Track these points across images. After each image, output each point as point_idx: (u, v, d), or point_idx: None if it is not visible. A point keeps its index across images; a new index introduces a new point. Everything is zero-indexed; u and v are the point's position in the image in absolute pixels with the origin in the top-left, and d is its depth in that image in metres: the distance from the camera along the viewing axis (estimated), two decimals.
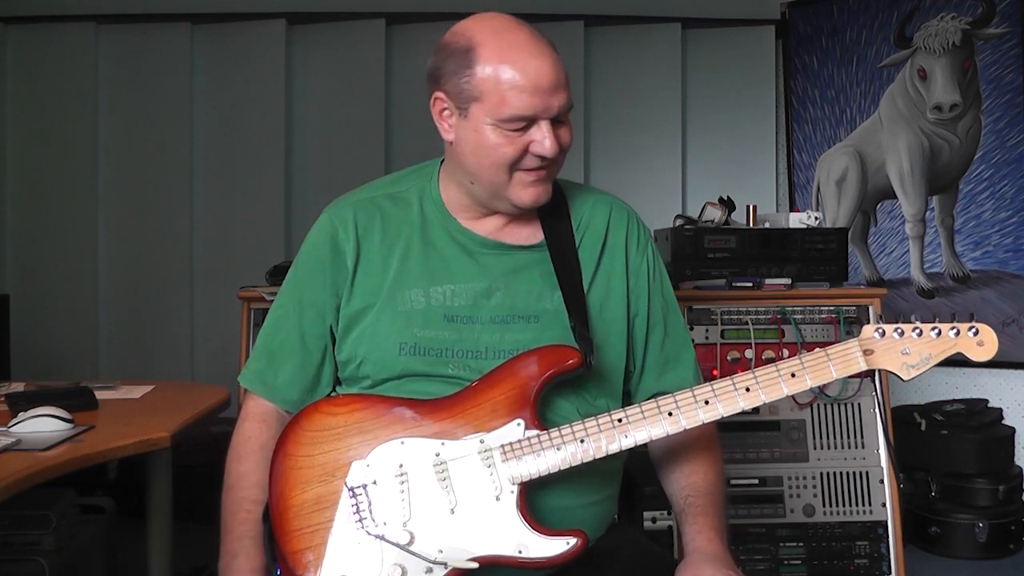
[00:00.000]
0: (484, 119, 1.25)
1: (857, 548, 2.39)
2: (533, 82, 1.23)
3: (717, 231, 2.54)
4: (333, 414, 1.27)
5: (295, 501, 1.23)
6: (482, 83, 1.24)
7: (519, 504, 1.21)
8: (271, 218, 3.95)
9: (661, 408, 1.24)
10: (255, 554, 1.28)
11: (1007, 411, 3.50)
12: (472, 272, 1.34)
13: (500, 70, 1.23)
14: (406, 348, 1.31)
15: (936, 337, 1.22)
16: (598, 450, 1.22)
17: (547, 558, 1.20)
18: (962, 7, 3.59)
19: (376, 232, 1.37)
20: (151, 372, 3.71)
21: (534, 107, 1.24)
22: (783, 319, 2.43)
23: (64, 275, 3.91)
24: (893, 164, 3.80)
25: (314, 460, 1.24)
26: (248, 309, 2.42)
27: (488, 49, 1.24)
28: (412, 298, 1.32)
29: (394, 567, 1.18)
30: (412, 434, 1.24)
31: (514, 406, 1.24)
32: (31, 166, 3.94)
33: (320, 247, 1.39)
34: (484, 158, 1.28)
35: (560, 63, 1.26)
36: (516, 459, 1.22)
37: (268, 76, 3.95)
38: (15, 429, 1.71)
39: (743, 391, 1.23)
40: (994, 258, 3.56)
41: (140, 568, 2.06)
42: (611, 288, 1.39)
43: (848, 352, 1.23)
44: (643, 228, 1.46)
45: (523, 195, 1.30)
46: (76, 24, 3.90)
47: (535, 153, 1.26)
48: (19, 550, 2.13)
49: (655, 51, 4.04)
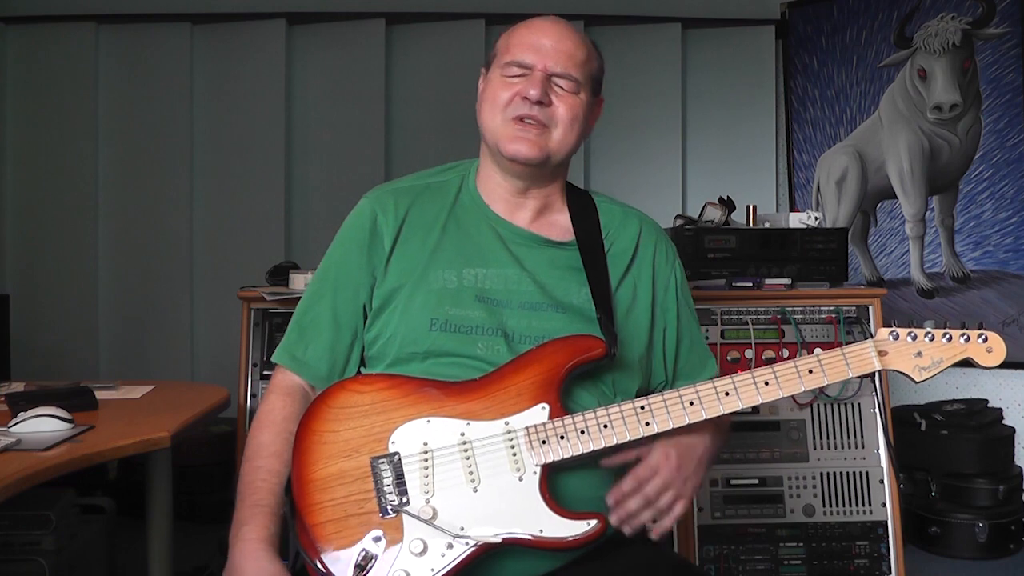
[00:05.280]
0: (495, 71, 1.41)
1: (857, 548, 2.39)
2: (536, 38, 1.39)
3: (717, 231, 2.54)
4: (359, 392, 1.29)
5: (319, 475, 1.24)
6: (502, 44, 1.43)
7: (541, 485, 1.23)
8: (271, 218, 3.95)
9: (683, 398, 1.28)
10: (264, 523, 1.27)
11: (1007, 411, 3.50)
12: (505, 258, 1.39)
13: (514, 32, 1.42)
14: (437, 324, 1.34)
15: (947, 343, 1.28)
16: (621, 436, 1.26)
17: (567, 538, 1.22)
18: (962, 7, 3.59)
19: (414, 216, 1.42)
20: (151, 372, 3.71)
21: (528, 55, 1.37)
22: (783, 319, 2.43)
23: (64, 275, 3.91)
24: (893, 164, 3.80)
25: (339, 436, 1.26)
26: (248, 309, 2.42)
27: (521, 26, 1.43)
28: (445, 277, 1.37)
29: (415, 541, 1.20)
30: (438, 414, 1.26)
31: (539, 391, 1.27)
32: (31, 166, 3.94)
33: (359, 228, 1.43)
34: (485, 103, 1.41)
35: (576, 38, 1.40)
36: (540, 442, 1.25)
37: (268, 76, 3.95)
38: (15, 429, 1.71)
39: (762, 385, 1.28)
40: (994, 258, 3.56)
41: (140, 568, 2.06)
42: (638, 296, 1.44)
43: (864, 352, 1.28)
44: (671, 245, 1.52)
45: (509, 146, 1.37)
46: (76, 24, 3.90)
47: (521, 95, 1.36)
48: (19, 550, 2.13)
49: (655, 51, 4.04)
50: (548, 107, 1.36)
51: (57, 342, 3.84)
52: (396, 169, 3.92)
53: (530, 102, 1.35)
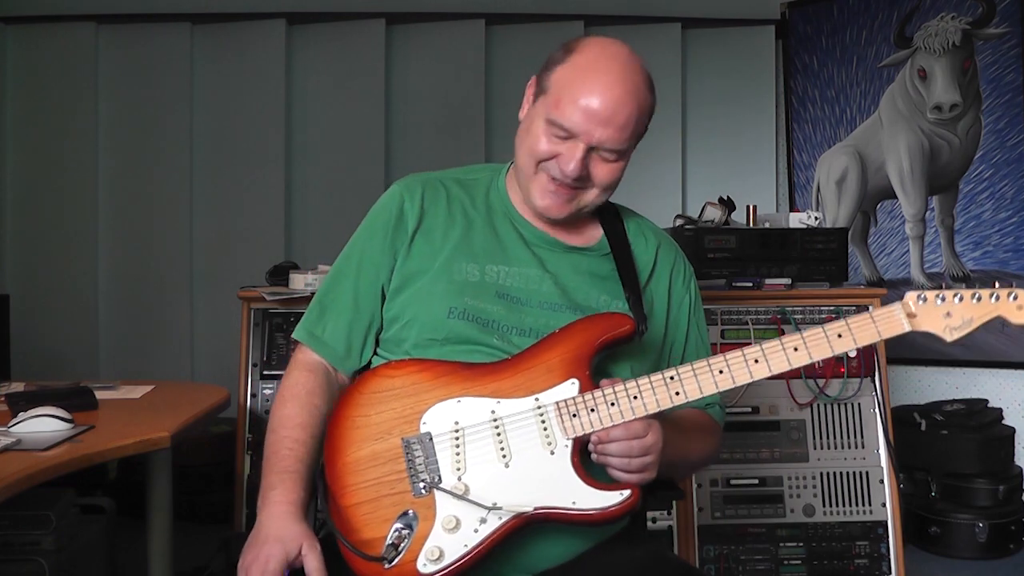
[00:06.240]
0: (542, 111, 1.34)
1: (857, 548, 2.40)
2: (588, 103, 1.29)
3: (717, 231, 2.54)
4: (391, 376, 1.30)
5: (351, 458, 1.25)
6: (555, 82, 1.33)
7: (573, 458, 1.24)
8: (271, 218, 3.95)
9: (712, 366, 1.27)
10: (293, 487, 1.27)
11: (1007, 411, 3.50)
12: (527, 259, 1.40)
13: (572, 79, 1.31)
14: (455, 312, 1.35)
15: (977, 303, 1.25)
16: (651, 406, 1.26)
17: (600, 509, 1.22)
18: (962, 7, 3.59)
19: (441, 206, 1.43)
20: (151, 372, 3.71)
21: (576, 124, 1.30)
22: (783, 319, 2.43)
23: (64, 275, 3.91)
24: (893, 164, 3.80)
25: (370, 420, 1.27)
26: (248, 309, 2.42)
27: (579, 59, 1.32)
28: (468, 270, 1.38)
29: (448, 518, 1.21)
30: (468, 393, 1.27)
31: (569, 368, 1.28)
32: (31, 166, 3.94)
33: (386, 212, 1.44)
34: (524, 142, 1.37)
35: (632, 107, 1.31)
36: (571, 415, 1.25)
37: (268, 76, 3.95)
38: (15, 429, 1.71)
39: (791, 351, 1.26)
40: (994, 258, 3.56)
41: (140, 568, 2.06)
42: (653, 309, 1.45)
43: (892, 314, 1.26)
44: (689, 266, 1.54)
45: (539, 198, 1.37)
46: (76, 24, 3.90)
47: (559, 165, 1.32)
48: (19, 550, 2.13)
49: (655, 51, 4.03)
50: (585, 175, 1.34)
51: (57, 342, 3.84)
52: (396, 169, 3.92)
53: (565, 173, 1.33)
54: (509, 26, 4.02)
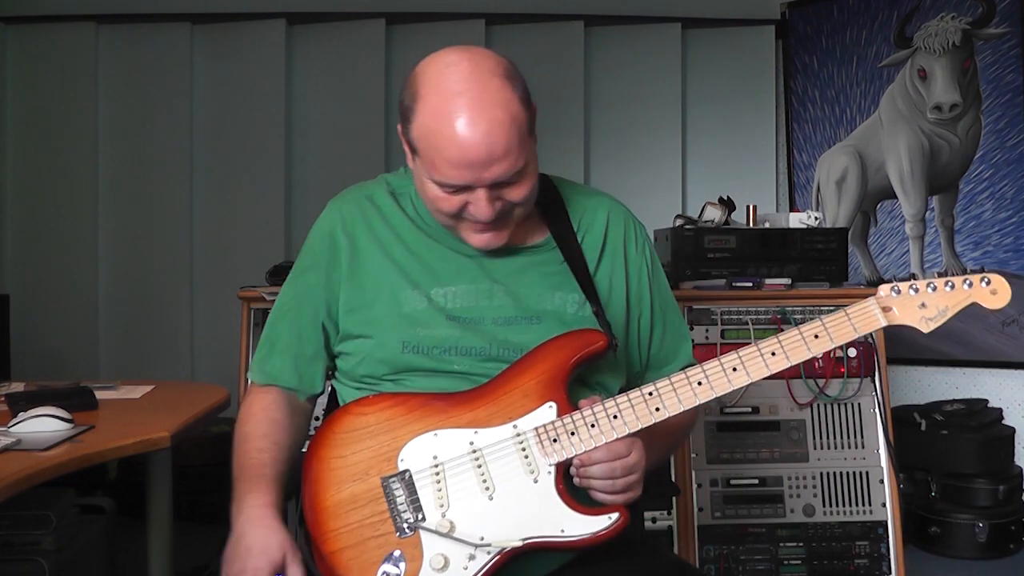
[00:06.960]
0: (424, 172, 1.25)
1: (857, 548, 2.40)
2: (461, 155, 1.18)
3: (717, 231, 2.54)
4: (364, 414, 1.27)
5: (331, 502, 1.22)
6: (419, 140, 1.23)
7: (557, 485, 1.22)
8: (271, 218, 3.95)
9: (690, 378, 1.25)
10: (267, 490, 1.25)
11: (1007, 411, 3.50)
12: (474, 273, 1.34)
13: (432, 134, 1.20)
14: (409, 347, 1.31)
15: (950, 290, 1.25)
16: (632, 424, 1.23)
17: (590, 535, 1.20)
18: (962, 7, 3.59)
19: (376, 229, 1.37)
20: (151, 372, 3.70)
21: (462, 178, 1.20)
22: (783, 319, 2.43)
23: (64, 275, 3.91)
24: (893, 164, 3.80)
25: (347, 460, 1.24)
26: (248, 309, 2.42)
27: (427, 105, 1.21)
28: (414, 299, 1.32)
29: (436, 557, 1.18)
30: (444, 426, 1.24)
31: (545, 391, 1.25)
32: (31, 166, 3.94)
33: (318, 243, 1.40)
34: (426, 198, 1.29)
35: (503, 132, 1.18)
36: (551, 441, 1.22)
37: (268, 76, 3.95)
38: (15, 429, 1.71)
39: (769, 356, 1.24)
40: (994, 258, 3.56)
41: (140, 568, 2.06)
42: (613, 287, 1.40)
43: (867, 310, 1.25)
44: (640, 228, 1.46)
45: (473, 239, 1.30)
46: (76, 24, 3.90)
47: (470, 217, 1.25)
48: (19, 550, 2.13)
49: (655, 51, 4.04)
50: (502, 207, 1.25)
51: (57, 342, 3.84)
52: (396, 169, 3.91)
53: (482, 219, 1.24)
54: (509, 26, 4.01)
